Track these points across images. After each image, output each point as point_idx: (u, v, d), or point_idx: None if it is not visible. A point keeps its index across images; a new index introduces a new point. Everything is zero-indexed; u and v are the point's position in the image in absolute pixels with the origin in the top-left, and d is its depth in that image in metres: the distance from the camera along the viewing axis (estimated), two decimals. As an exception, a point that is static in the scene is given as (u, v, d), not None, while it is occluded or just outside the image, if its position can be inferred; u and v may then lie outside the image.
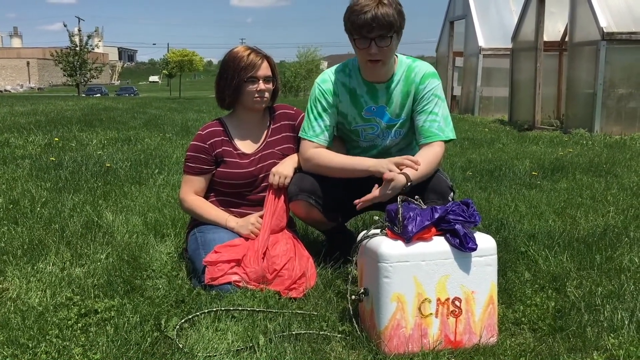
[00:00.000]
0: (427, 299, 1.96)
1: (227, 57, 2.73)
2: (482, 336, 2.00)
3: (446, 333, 1.98)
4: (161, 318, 2.12)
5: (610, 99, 9.42)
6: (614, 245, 3.05)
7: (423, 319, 1.96)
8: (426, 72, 2.63)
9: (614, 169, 5.64)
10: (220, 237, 2.57)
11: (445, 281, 1.98)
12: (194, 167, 2.72)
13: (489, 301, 2.03)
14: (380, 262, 1.95)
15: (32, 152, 6.21)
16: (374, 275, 1.99)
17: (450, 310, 1.98)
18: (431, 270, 1.97)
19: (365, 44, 2.43)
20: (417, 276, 1.95)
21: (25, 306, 2.25)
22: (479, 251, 2.01)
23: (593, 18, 9.37)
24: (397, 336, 1.94)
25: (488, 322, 2.02)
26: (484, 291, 2.02)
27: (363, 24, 2.38)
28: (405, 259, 1.95)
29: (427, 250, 1.98)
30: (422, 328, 1.96)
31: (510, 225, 3.39)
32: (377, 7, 2.36)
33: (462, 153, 6.78)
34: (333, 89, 2.64)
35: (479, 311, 2.01)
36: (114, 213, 3.61)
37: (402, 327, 1.94)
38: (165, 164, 5.56)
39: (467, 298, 2.00)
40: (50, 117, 10.19)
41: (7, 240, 3.05)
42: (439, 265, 1.98)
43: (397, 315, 1.94)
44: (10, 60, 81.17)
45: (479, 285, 2.02)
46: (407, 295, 1.95)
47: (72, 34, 37.85)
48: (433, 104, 2.59)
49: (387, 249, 1.96)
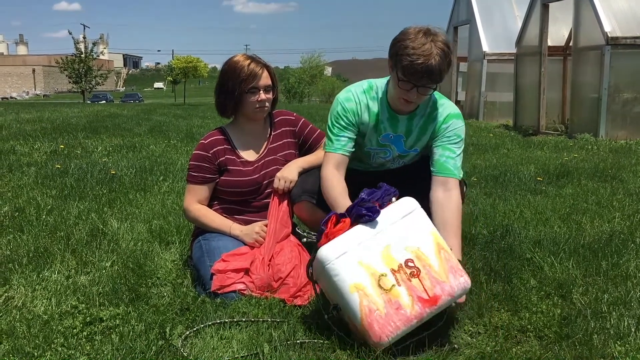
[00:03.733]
0: (382, 274, 2.00)
1: (226, 66, 2.73)
2: (451, 280, 2.03)
3: (418, 295, 1.99)
4: (166, 326, 2.12)
5: (616, 104, 9.40)
6: (620, 251, 3.03)
7: (389, 293, 1.98)
8: (451, 112, 2.61)
9: (620, 174, 5.62)
10: (224, 245, 2.57)
11: (388, 251, 2.04)
12: (197, 176, 2.73)
13: (438, 248, 2.08)
14: (325, 266, 2.03)
15: (38, 160, 6.23)
16: (329, 283, 2.04)
17: (409, 272, 2.02)
18: (370, 247, 2.04)
19: (408, 87, 2.39)
20: (361, 260, 2.01)
21: (31, 314, 2.25)
22: (403, 211, 2.12)
23: (597, 23, 9.36)
24: (375, 321, 1.95)
25: (449, 266, 2.06)
26: (428, 242, 2.08)
27: (414, 73, 2.32)
28: (342, 251, 2.03)
29: (356, 235, 2.08)
30: (392, 302, 1.97)
31: (515, 231, 3.38)
32: (434, 57, 2.28)
33: (467, 159, 6.77)
34: (356, 109, 2.59)
35: (434, 262, 2.05)
36: (119, 220, 3.61)
37: (374, 310, 1.96)
38: (170, 170, 5.57)
39: (417, 255, 2.05)
40: (55, 124, 10.23)
41: (13, 248, 3.06)
42: (374, 240, 2.06)
43: (364, 302, 1.96)
44: (16, 67, 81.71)
45: (420, 240, 2.07)
46: (363, 281, 1.99)
47: (78, 42, 38.08)
48: (454, 142, 2.58)
49: (323, 251, 2.05)
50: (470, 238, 3.24)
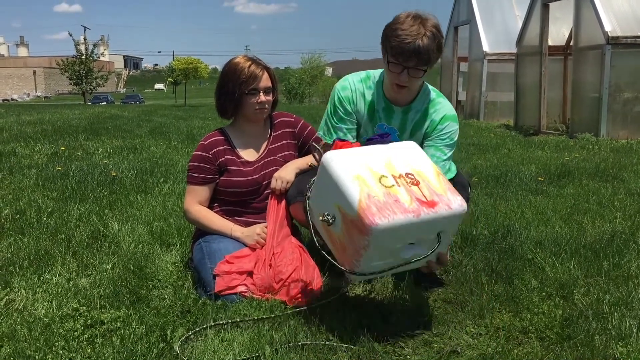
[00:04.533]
0: (383, 175, 2.05)
1: (227, 68, 2.73)
2: (450, 197, 2.05)
3: (416, 197, 2.01)
4: (167, 329, 2.12)
5: (616, 103, 9.40)
6: (621, 251, 3.03)
7: (388, 188, 2.01)
8: (447, 113, 2.61)
9: (621, 174, 5.61)
10: (225, 247, 2.57)
11: (390, 162, 2.10)
12: (197, 177, 2.73)
13: (437, 173, 2.13)
14: (329, 163, 2.06)
15: (39, 162, 6.23)
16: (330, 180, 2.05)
17: (408, 181, 2.05)
18: (375, 159, 2.10)
19: (399, 69, 2.41)
20: (364, 162, 2.07)
21: (32, 317, 2.25)
22: (406, 145, 2.24)
23: (598, 22, 9.36)
24: (372, 203, 1.95)
25: (448, 187, 2.09)
26: (428, 167, 2.14)
27: (402, 53, 2.35)
28: (347, 153, 2.13)
29: (362, 148, 2.22)
30: (391, 195, 1.99)
31: (516, 232, 3.37)
32: (422, 38, 2.32)
33: (468, 159, 6.76)
34: (352, 97, 2.64)
35: (434, 180, 2.09)
36: (120, 222, 3.61)
37: (373, 196, 1.97)
38: (170, 172, 5.57)
39: (417, 173, 2.09)
40: (56, 126, 10.23)
41: (14, 251, 3.06)
42: (380, 155, 2.13)
43: (364, 189, 1.98)
44: (17, 69, 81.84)
45: (421, 164, 2.14)
46: (364, 175, 2.02)
47: (78, 43, 38.08)
48: (445, 144, 2.59)
49: (328, 154, 2.11)
50: (472, 239, 3.24)
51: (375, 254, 2.01)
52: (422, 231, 2.03)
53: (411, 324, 2.22)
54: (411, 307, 2.39)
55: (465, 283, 2.62)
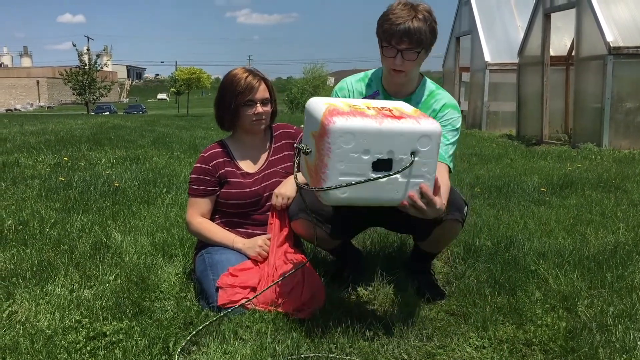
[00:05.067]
0: (356, 105, 2.07)
1: (225, 79, 2.75)
2: (422, 118, 2.01)
3: (384, 113, 2.00)
4: (169, 341, 2.12)
5: (619, 113, 9.41)
6: (624, 263, 3.02)
7: (357, 107, 2.03)
8: (447, 102, 2.62)
9: (624, 184, 5.61)
10: (227, 259, 2.57)
11: (369, 102, 2.14)
12: (198, 189, 2.73)
13: (414, 111, 2.09)
14: (309, 102, 2.15)
15: (42, 172, 6.24)
16: (309, 116, 2.10)
17: (382, 110, 2.04)
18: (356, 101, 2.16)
19: (392, 53, 2.44)
20: (345, 100, 2.14)
21: (34, 329, 2.25)
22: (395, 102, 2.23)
23: (599, 32, 9.38)
24: (335, 112, 1.96)
25: (423, 115, 2.06)
26: (408, 108, 2.13)
27: (394, 34, 2.39)
28: (329, 98, 2.20)
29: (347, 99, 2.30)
30: (358, 111, 2.00)
31: (519, 243, 3.37)
32: (412, 20, 2.37)
33: (470, 169, 6.76)
34: (349, 96, 2.66)
35: (409, 109, 2.09)
36: (123, 233, 3.61)
37: (337, 109, 1.98)
38: (173, 182, 5.58)
39: (395, 108, 2.08)
40: (59, 137, 10.26)
41: (17, 262, 3.06)
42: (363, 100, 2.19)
43: (330, 107, 2.00)
44: (21, 79, 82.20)
45: (402, 106, 2.13)
46: (337, 102, 2.06)
47: (81, 53, 38.33)
48: (447, 130, 2.57)
49: (312, 99, 2.18)
50: (474, 250, 3.23)
51: (339, 162, 1.94)
52: (390, 145, 1.95)
53: (414, 335, 2.21)
54: (414, 318, 2.38)
55: (468, 294, 2.62)
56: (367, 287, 2.71)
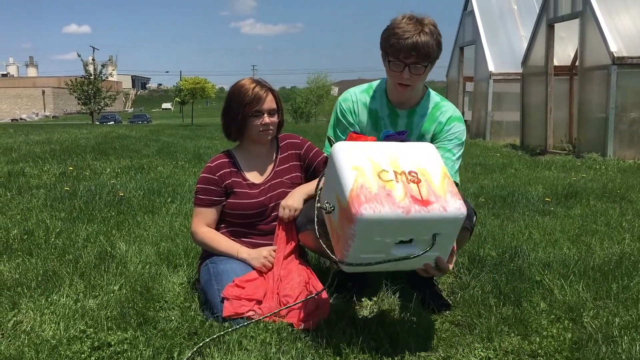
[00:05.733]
0: (384, 170, 2.04)
1: (232, 89, 2.76)
2: (449, 199, 2.01)
3: (411, 194, 1.99)
4: (174, 351, 2.12)
5: (623, 123, 9.40)
6: (630, 273, 3.01)
7: (385, 182, 2.01)
8: (453, 115, 2.63)
9: (629, 194, 5.59)
10: (232, 269, 2.57)
11: (396, 160, 2.09)
12: (204, 199, 2.74)
13: (444, 175, 2.09)
14: (335, 150, 2.12)
15: (47, 182, 6.27)
16: (333, 167, 2.11)
17: (409, 178, 2.03)
18: (382, 154, 2.11)
19: (399, 68, 2.44)
20: (370, 157, 2.08)
21: (39, 339, 2.25)
22: (421, 145, 2.24)
23: (603, 43, 9.40)
24: (363, 194, 1.96)
25: (450, 190, 2.04)
26: (436, 168, 2.10)
27: (401, 49, 2.38)
28: (356, 146, 2.15)
29: (373, 143, 2.22)
30: (386, 189, 1.99)
31: (524, 253, 3.36)
32: (420, 34, 2.36)
33: (475, 179, 6.76)
34: (353, 107, 2.66)
35: (437, 180, 2.06)
36: (127, 243, 3.62)
37: (366, 187, 1.98)
38: (177, 192, 5.59)
39: (422, 172, 2.06)
40: (64, 146, 10.30)
41: (22, 272, 3.07)
42: (389, 150, 2.13)
43: (359, 180, 2.00)
44: (26, 89, 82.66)
45: (430, 164, 2.10)
46: (364, 167, 2.04)
47: (87, 64, 38.54)
48: (453, 144, 2.59)
49: (338, 144, 2.17)
50: (479, 260, 3.23)
51: (363, 245, 1.99)
52: (414, 230, 2.00)
53: (419, 346, 2.21)
54: (419, 329, 2.37)
55: (473, 305, 2.61)
56: (372, 298, 2.71)
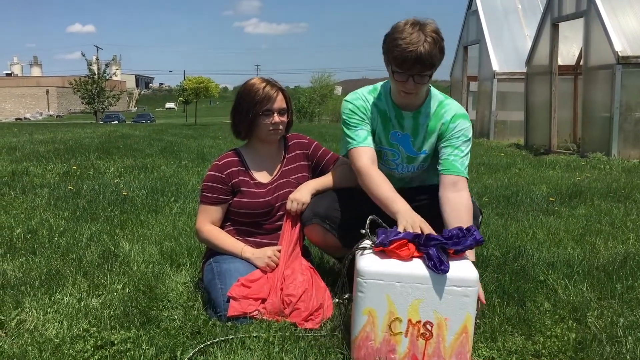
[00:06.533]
0: (398, 318, 2.00)
1: (242, 88, 2.76)
2: None
3: (414, 352, 2.00)
4: (177, 350, 2.11)
5: (627, 123, 9.37)
6: (634, 273, 3.00)
7: (392, 336, 2.00)
8: (457, 112, 2.62)
9: (633, 194, 5.57)
10: (236, 268, 2.57)
11: (418, 304, 1.99)
12: (210, 197, 2.74)
13: (462, 330, 2.01)
14: (358, 276, 2.04)
15: (51, 181, 6.28)
16: (355, 288, 2.08)
17: (421, 332, 2.00)
18: (405, 292, 1.99)
19: (404, 78, 2.42)
20: (390, 295, 2.00)
21: (42, 338, 2.25)
22: (458, 281, 1.98)
23: (608, 42, 9.37)
24: (365, 347, 2.01)
25: (459, 350, 2.01)
26: (457, 320, 2.00)
27: (405, 61, 2.35)
28: (379, 278, 2.00)
29: (403, 272, 2.00)
30: (390, 344, 2.01)
31: (528, 253, 3.35)
32: (423, 45, 2.32)
33: (478, 178, 6.74)
34: (365, 105, 2.64)
35: (450, 338, 2.00)
36: (131, 242, 3.62)
37: (370, 339, 2.01)
38: (181, 191, 5.60)
39: (440, 324, 2.00)
40: (68, 145, 10.33)
41: (25, 271, 3.07)
42: (414, 288, 1.99)
43: (367, 328, 2.01)
44: (30, 88, 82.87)
45: (453, 314, 2.00)
46: (379, 311, 2.01)
47: (91, 63, 38.62)
48: (461, 141, 2.58)
49: (364, 265, 2.04)
50: (483, 260, 3.22)
51: None
52: None
53: (422, 346, 2.20)
54: (422, 329, 2.36)
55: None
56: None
